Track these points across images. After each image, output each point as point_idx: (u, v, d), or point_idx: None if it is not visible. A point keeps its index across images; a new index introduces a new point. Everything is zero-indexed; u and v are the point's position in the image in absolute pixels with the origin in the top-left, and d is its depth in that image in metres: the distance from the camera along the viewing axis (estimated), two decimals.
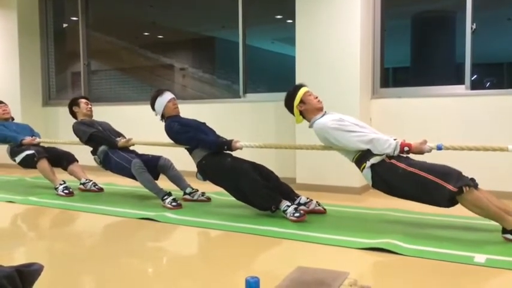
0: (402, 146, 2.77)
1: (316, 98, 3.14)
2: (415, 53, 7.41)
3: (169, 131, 3.69)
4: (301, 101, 3.11)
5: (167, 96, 3.78)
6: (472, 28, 4.00)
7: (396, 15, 5.96)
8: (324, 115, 3.09)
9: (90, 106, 4.42)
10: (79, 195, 4.25)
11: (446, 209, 2.64)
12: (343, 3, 4.12)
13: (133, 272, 2.27)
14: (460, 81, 4.15)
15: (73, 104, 4.42)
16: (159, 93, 3.81)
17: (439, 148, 2.78)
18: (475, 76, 4.23)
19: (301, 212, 3.10)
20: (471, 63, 4.04)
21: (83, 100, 4.44)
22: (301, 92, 3.11)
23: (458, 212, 3.05)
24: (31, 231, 3.29)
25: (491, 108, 3.91)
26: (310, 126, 3.14)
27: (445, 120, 4.05)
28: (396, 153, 2.77)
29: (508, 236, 2.52)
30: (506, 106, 3.86)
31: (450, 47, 6.58)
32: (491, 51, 8.70)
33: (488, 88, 6.59)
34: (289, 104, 3.18)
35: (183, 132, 3.60)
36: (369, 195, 4.13)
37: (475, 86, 4.11)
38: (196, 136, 3.55)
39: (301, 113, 3.14)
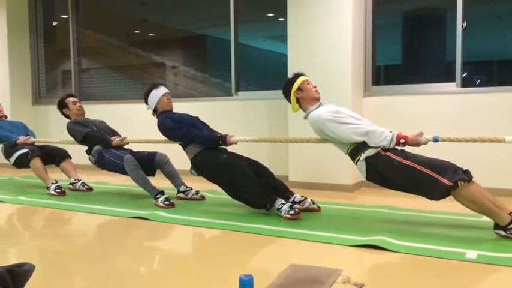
0: (398, 138, 2.74)
1: (315, 87, 3.13)
2: (406, 51, 7.44)
3: (162, 127, 3.65)
4: (299, 88, 3.09)
5: (162, 90, 3.76)
6: (462, 26, 4.02)
7: (387, 12, 5.98)
8: (319, 106, 3.08)
9: (79, 104, 4.37)
10: (70, 195, 4.22)
11: (438, 206, 2.66)
12: (335, 1, 4.13)
13: (125, 271, 2.25)
14: (451, 78, 4.18)
15: (62, 107, 4.36)
16: (154, 86, 3.79)
17: (436, 140, 2.76)
18: (466, 74, 4.26)
19: (296, 209, 3.10)
20: (462, 61, 4.06)
21: (71, 100, 4.37)
22: (300, 80, 3.11)
23: (450, 209, 3.08)
24: (22, 231, 3.26)
25: (481, 105, 3.94)
26: (305, 117, 3.12)
27: (436, 118, 4.07)
28: (392, 145, 2.75)
29: (501, 232, 2.53)
30: (496, 103, 3.89)
31: (441, 44, 6.61)
32: (481, 49, 8.77)
33: (479, 86, 6.64)
34: (287, 90, 3.16)
35: (177, 128, 3.56)
36: (361, 193, 4.15)
37: (466, 83, 4.14)
38: (190, 131, 3.51)
39: (297, 100, 3.12)
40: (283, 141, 3.74)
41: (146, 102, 3.78)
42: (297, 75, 3.18)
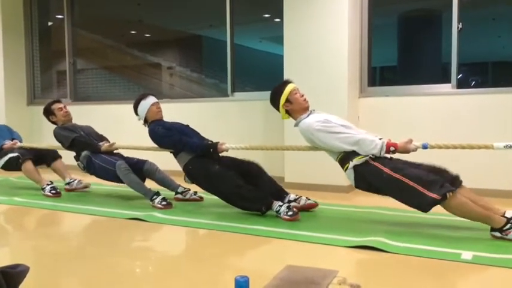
0: (388, 146, 2.76)
1: (303, 96, 3.09)
2: (402, 52, 7.47)
3: (153, 135, 3.65)
4: (287, 100, 3.06)
5: (151, 99, 3.76)
6: (458, 27, 4.03)
7: (383, 14, 5.99)
8: (309, 114, 3.06)
9: (65, 110, 4.31)
10: (66, 196, 4.19)
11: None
12: (331, 2, 4.13)
13: (121, 273, 2.24)
14: (446, 80, 4.19)
15: (48, 114, 4.31)
16: (143, 96, 3.79)
17: (425, 147, 2.79)
18: (461, 75, 4.27)
19: (294, 210, 3.10)
20: (457, 62, 4.08)
21: (56, 106, 4.30)
22: (287, 90, 3.06)
23: (445, 210, 3.08)
24: (16, 232, 3.24)
25: (476, 106, 3.95)
26: (296, 125, 3.12)
27: (431, 119, 4.08)
28: (382, 153, 2.76)
29: (496, 233, 2.53)
30: (491, 104, 3.90)
31: (436, 46, 6.65)
32: (477, 50, 8.81)
33: (474, 87, 6.67)
34: (275, 102, 3.14)
35: (168, 135, 3.56)
36: (357, 194, 4.15)
37: (461, 84, 4.16)
38: (182, 139, 3.51)
39: (287, 111, 3.11)
40: (274, 149, 3.73)
41: (136, 113, 3.78)
42: (283, 84, 3.12)
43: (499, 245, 2.45)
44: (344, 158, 2.88)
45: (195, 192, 3.89)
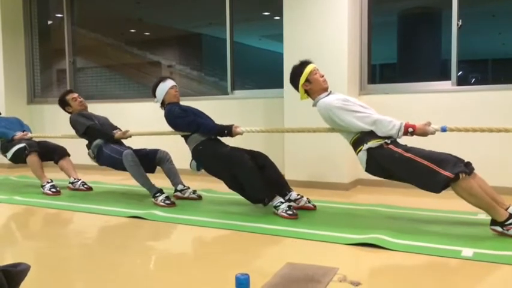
0: (406, 127, 2.75)
1: (323, 76, 3.08)
2: (402, 50, 7.46)
3: (169, 115, 3.61)
4: (307, 80, 3.05)
5: (169, 82, 3.75)
6: (458, 24, 4.03)
7: (383, 11, 5.98)
8: (329, 94, 3.06)
9: (79, 100, 4.31)
10: (66, 194, 4.19)
11: (434, 204, 2.66)
12: None
13: (121, 271, 2.24)
14: (446, 77, 4.19)
15: (64, 105, 4.31)
16: (162, 79, 3.78)
17: (444, 130, 2.76)
18: (461, 72, 4.27)
19: (294, 211, 3.10)
20: (457, 60, 4.07)
21: (70, 97, 4.30)
22: (307, 70, 3.04)
23: (446, 207, 3.09)
24: (17, 231, 3.24)
25: (477, 103, 3.95)
26: (314, 105, 3.10)
27: (432, 116, 4.03)
28: (400, 134, 2.75)
29: (497, 228, 2.53)
30: (491, 101, 3.90)
31: (436, 43, 6.65)
32: (477, 47, 8.81)
33: (474, 84, 6.67)
34: (294, 81, 3.11)
35: (184, 116, 3.55)
36: (357, 191, 4.16)
37: (461, 82, 4.15)
38: (196, 120, 3.50)
39: (306, 91, 3.09)
40: (289, 131, 3.69)
41: (154, 95, 3.76)
42: (303, 64, 3.09)
43: (499, 241, 2.45)
44: (358, 140, 2.86)
45: (194, 191, 3.89)
